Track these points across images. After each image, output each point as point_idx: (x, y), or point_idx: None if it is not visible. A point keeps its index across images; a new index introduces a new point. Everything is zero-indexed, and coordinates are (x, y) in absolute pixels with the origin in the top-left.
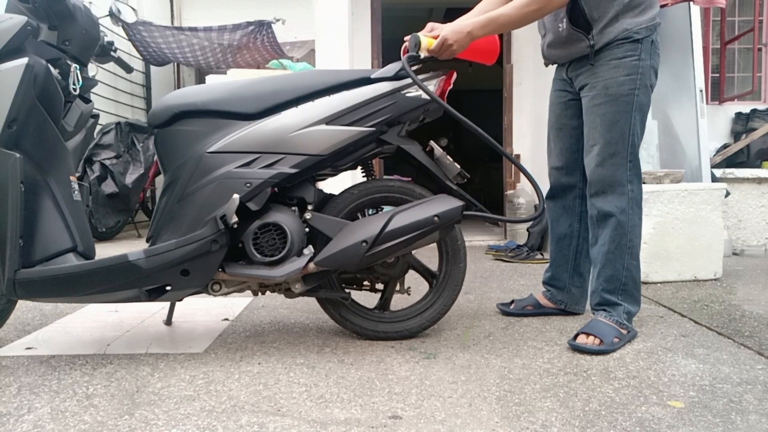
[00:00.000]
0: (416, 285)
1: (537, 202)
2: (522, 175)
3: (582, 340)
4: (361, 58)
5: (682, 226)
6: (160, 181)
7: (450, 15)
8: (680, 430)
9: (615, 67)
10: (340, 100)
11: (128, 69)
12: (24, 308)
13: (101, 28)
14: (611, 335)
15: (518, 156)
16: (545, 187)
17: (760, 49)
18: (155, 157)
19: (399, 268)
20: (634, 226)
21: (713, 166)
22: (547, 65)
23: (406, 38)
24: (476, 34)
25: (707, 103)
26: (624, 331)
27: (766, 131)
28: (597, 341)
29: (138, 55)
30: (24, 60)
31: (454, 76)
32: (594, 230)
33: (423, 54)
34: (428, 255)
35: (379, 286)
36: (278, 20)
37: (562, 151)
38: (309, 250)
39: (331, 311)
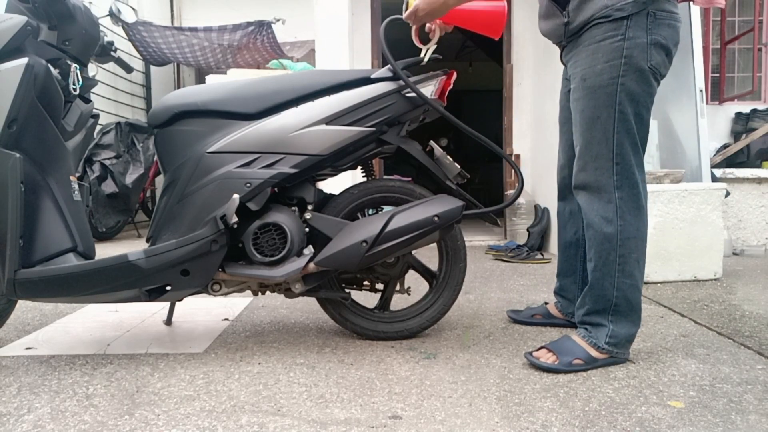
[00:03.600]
0: (416, 285)
1: (537, 201)
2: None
3: (538, 353)
4: (361, 58)
5: (682, 226)
6: (160, 181)
7: None
8: (680, 430)
9: (593, 53)
10: (340, 100)
11: (128, 69)
12: (24, 308)
13: (101, 28)
14: (573, 355)
15: (518, 156)
16: (548, 188)
17: (760, 49)
18: (155, 157)
19: (399, 268)
20: (627, 238)
21: (713, 166)
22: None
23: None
24: (452, 2)
25: (707, 103)
26: (600, 355)
27: (766, 131)
28: (553, 358)
29: (138, 55)
30: (24, 60)
31: (454, 76)
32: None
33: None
34: (428, 255)
35: (379, 286)
36: (278, 20)
37: (564, 148)
38: (309, 250)
39: (331, 311)
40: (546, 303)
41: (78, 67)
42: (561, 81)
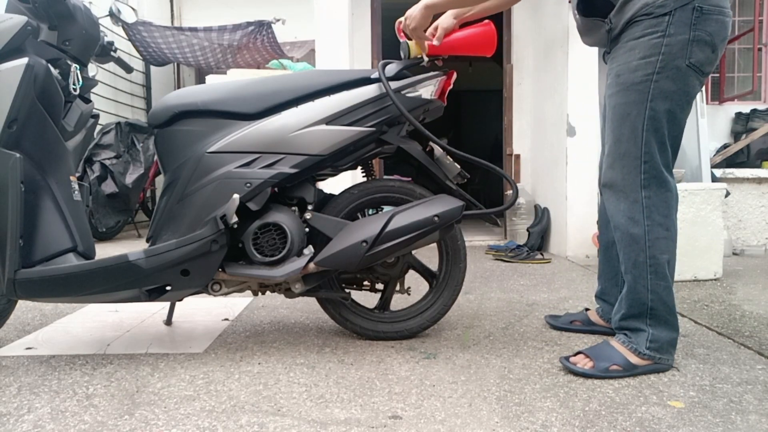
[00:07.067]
0: (416, 285)
1: (537, 201)
2: (522, 176)
3: (575, 359)
4: (361, 58)
5: (682, 226)
6: (160, 181)
7: None
8: (680, 430)
9: (630, 50)
10: (340, 100)
11: (128, 69)
12: (24, 308)
13: (101, 28)
14: (610, 361)
15: (518, 156)
16: (548, 188)
17: (760, 49)
18: (155, 157)
19: (399, 268)
20: (655, 239)
21: (713, 166)
22: None
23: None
24: (431, 4)
25: (707, 103)
26: (641, 361)
27: (766, 131)
28: (590, 364)
29: (138, 55)
30: (24, 60)
31: (454, 76)
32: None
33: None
34: (428, 255)
35: (379, 286)
36: (278, 20)
37: (604, 142)
38: (309, 250)
39: (331, 311)
40: (587, 309)
41: (78, 67)
42: (599, 75)
